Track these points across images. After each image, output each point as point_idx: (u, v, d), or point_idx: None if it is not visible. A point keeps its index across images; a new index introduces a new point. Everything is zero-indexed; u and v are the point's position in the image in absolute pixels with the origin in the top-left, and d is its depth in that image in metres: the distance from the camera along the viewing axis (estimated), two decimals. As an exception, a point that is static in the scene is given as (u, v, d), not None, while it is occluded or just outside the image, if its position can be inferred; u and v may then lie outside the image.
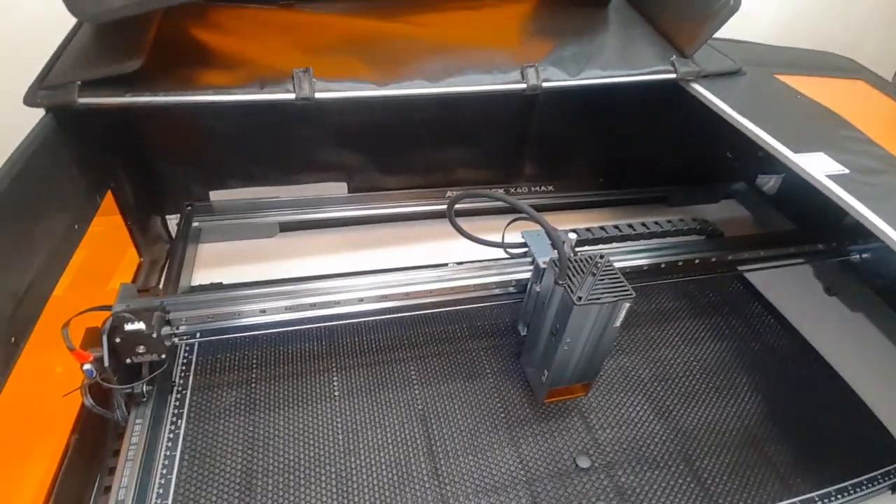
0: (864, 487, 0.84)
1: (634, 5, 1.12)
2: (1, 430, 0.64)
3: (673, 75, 0.99)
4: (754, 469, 0.85)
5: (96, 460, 0.77)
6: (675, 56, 1.00)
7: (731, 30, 1.01)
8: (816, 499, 0.82)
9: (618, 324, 0.76)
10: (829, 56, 1.29)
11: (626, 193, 1.38)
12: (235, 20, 0.96)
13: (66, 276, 0.79)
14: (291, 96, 0.82)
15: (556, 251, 0.84)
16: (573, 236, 0.84)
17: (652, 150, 1.30)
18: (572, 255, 0.79)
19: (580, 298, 0.72)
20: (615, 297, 0.73)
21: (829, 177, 0.77)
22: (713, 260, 0.97)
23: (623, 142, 1.30)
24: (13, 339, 0.62)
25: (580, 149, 1.31)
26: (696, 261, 0.96)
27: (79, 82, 0.75)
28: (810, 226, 1.19)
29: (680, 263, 0.96)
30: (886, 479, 0.86)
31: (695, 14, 1.00)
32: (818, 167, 0.79)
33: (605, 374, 0.96)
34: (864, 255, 1.11)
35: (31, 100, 0.73)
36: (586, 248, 0.98)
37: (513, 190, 1.29)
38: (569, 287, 0.74)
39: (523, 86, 0.92)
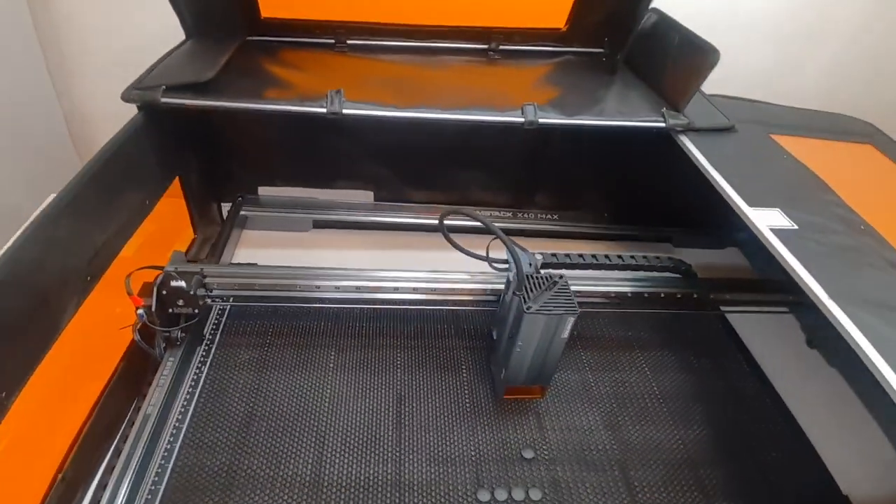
0: (793, 525, 0.90)
1: (634, 70, 1.26)
2: (71, 346, 0.84)
3: (662, 125, 1.10)
4: (684, 487, 0.93)
5: (136, 386, 0.97)
6: (664, 109, 1.11)
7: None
8: (738, 523, 0.89)
9: (564, 335, 0.89)
10: (842, 119, 1.35)
11: (631, 230, 1.48)
12: (296, 57, 1.19)
13: (137, 242, 1.01)
14: (323, 110, 1.00)
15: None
16: (539, 257, 0.96)
17: (653, 193, 1.40)
18: (536, 272, 0.92)
19: (530, 308, 0.85)
20: (563, 311, 0.86)
21: (773, 230, 0.87)
22: (678, 296, 1.06)
23: (626, 184, 1.41)
24: (89, 277, 0.83)
25: (585, 186, 1.43)
26: (662, 294, 1.06)
27: (164, 86, 0.97)
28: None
29: (646, 295, 1.06)
30: (820, 519, 0.92)
31: (681, 71, 1.12)
32: (765, 220, 0.88)
33: (569, 385, 1.07)
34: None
35: (126, 96, 0.96)
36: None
37: (521, 214, 1.43)
38: (524, 297, 0.87)
39: (521, 120, 1.06)
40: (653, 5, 1.22)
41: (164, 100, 0.96)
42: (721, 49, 1.03)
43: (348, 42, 1.26)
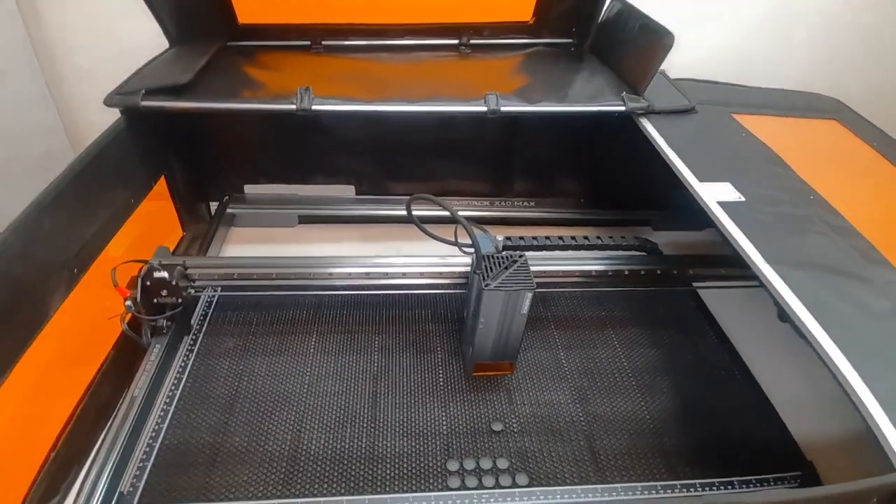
0: (752, 485, 0.93)
1: (601, 58, 1.30)
2: (61, 333, 0.90)
3: (622, 108, 1.14)
4: (647, 453, 0.96)
5: (128, 373, 1.03)
6: (624, 93, 1.15)
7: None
8: (698, 485, 0.92)
9: (524, 311, 0.93)
10: (808, 97, 1.37)
11: (609, 214, 1.51)
12: (272, 59, 1.25)
13: (125, 242, 1.07)
14: (293, 107, 1.06)
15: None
16: (499, 238, 1.00)
17: (628, 178, 1.43)
18: (496, 253, 0.96)
19: (488, 285, 0.89)
20: (520, 287, 0.90)
21: (720, 203, 0.90)
22: (642, 272, 1.10)
23: (600, 169, 1.45)
24: (76, 270, 0.90)
25: (560, 173, 1.48)
26: (626, 272, 1.10)
27: (143, 90, 1.04)
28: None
29: (610, 273, 1.10)
30: (781, 483, 0.94)
31: (640, 56, 1.15)
32: (714, 194, 0.92)
33: (540, 363, 1.11)
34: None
35: (108, 101, 1.03)
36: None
37: (498, 203, 1.47)
38: (483, 275, 0.91)
39: (483, 109, 1.10)
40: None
41: (143, 103, 1.03)
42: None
43: (323, 43, 1.32)
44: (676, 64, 1.28)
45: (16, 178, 1.44)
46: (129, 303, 0.99)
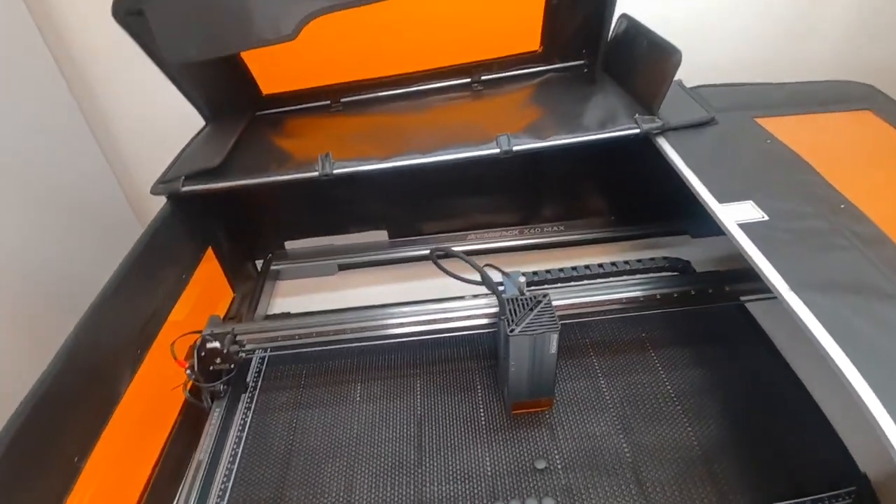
0: (809, 506, 0.90)
1: (614, 77, 1.30)
2: (132, 410, 1.00)
3: (637, 130, 1.13)
4: (697, 482, 0.95)
5: (194, 438, 1.12)
6: (637, 114, 1.14)
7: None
8: (754, 512, 0.90)
9: (552, 351, 0.94)
10: (839, 86, 1.30)
11: (642, 228, 1.49)
12: (295, 126, 1.34)
13: (182, 311, 1.17)
14: (316, 174, 1.13)
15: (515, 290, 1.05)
16: (522, 279, 1.02)
17: (657, 190, 1.40)
18: (520, 294, 0.98)
19: (513, 330, 0.92)
20: (544, 330, 0.92)
21: (741, 224, 0.88)
22: (675, 295, 1.09)
23: (626, 185, 1.44)
24: (139, 350, 1.00)
25: (585, 194, 1.48)
26: (658, 296, 1.09)
27: (182, 177, 1.14)
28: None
29: (641, 299, 1.09)
30: (836, 500, 0.90)
31: (651, 74, 1.14)
32: (733, 215, 0.90)
33: (580, 394, 1.11)
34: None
35: (154, 190, 1.14)
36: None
37: (528, 231, 1.49)
38: (507, 320, 0.94)
39: (497, 150, 1.13)
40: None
41: (184, 189, 1.13)
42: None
43: (342, 101, 1.39)
44: (697, 61, 1.24)
45: (93, 245, 1.59)
46: (189, 371, 1.08)
